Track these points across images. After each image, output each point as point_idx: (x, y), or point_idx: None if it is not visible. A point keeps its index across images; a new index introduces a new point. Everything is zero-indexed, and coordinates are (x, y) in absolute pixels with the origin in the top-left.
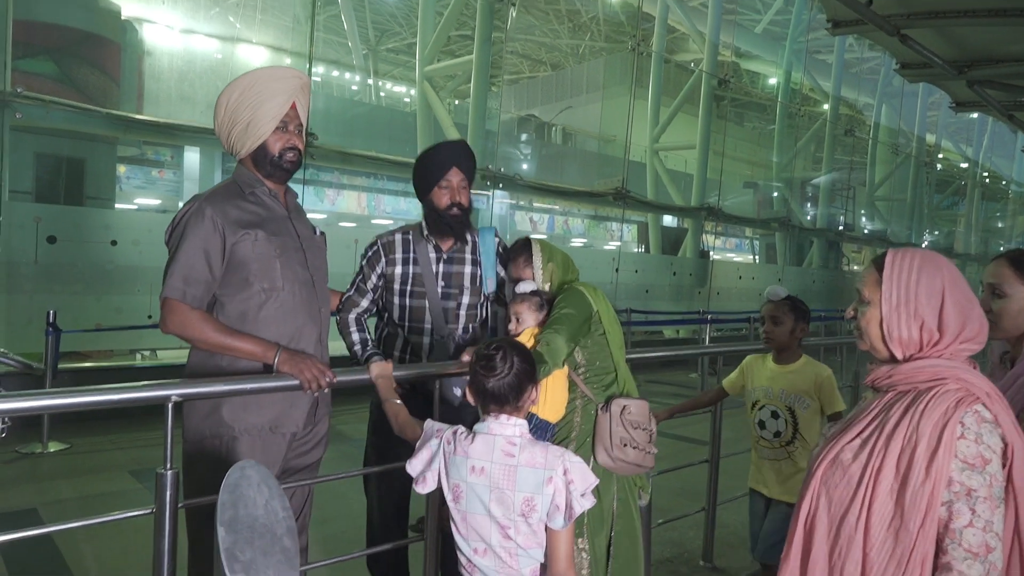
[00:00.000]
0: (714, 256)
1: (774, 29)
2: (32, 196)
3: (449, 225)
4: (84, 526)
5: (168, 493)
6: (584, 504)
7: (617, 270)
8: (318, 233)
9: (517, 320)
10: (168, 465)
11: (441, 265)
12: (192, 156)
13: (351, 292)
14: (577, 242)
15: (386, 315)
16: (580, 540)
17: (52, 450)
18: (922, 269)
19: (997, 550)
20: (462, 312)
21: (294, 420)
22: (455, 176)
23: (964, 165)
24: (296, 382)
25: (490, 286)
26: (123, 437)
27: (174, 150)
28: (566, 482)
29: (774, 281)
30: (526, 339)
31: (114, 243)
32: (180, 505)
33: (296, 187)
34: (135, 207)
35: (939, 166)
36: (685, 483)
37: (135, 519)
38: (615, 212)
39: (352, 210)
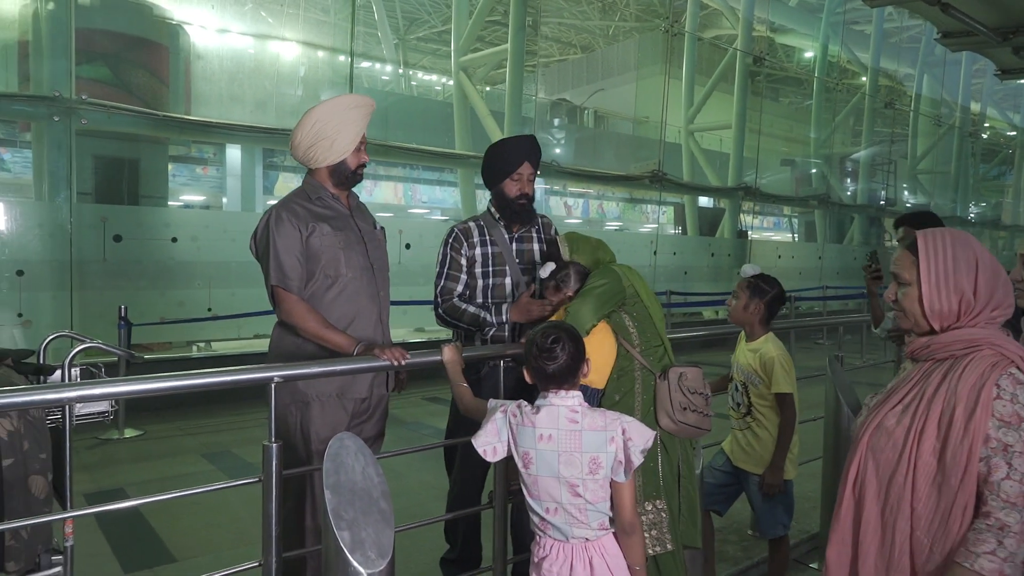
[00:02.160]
0: (752, 236)
1: (809, 1)
2: (92, 197)
3: (516, 212)
4: (198, 493)
5: (274, 463)
6: (641, 458)
7: (655, 253)
8: (378, 228)
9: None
10: (272, 439)
11: (515, 244)
12: (234, 153)
13: (443, 281)
14: (612, 226)
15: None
16: (658, 501)
17: (128, 436)
18: (955, 245)
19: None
20: (537, 286)
21: (357, 388)
22: (526, 170)
23: (1012, 133)
24: (375, 363)
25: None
26: (191, 424)
27: (217, 148)
28: (625, 439)
29: (815, 260)
30: (559, 313)
31: (175, 240)
32: (284, 473)
33: None
34: (181, 204)
35: (985, 135)
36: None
37: (217, 498)
38: (650, 195)
39: (389, 200)
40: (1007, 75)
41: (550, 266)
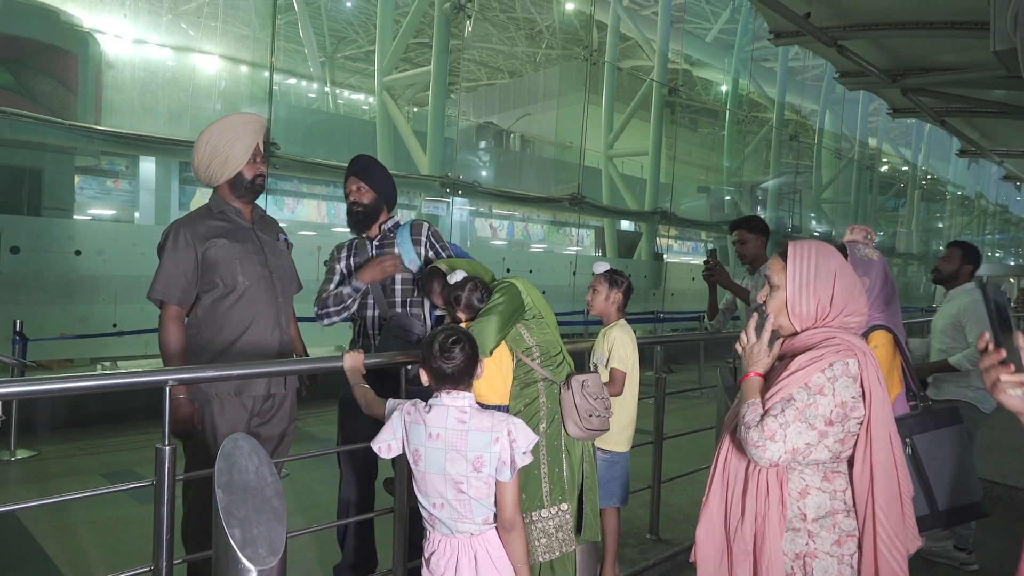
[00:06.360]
0: (668, 259)
1: (724, 38)
2: None
3: (352, 220)
4: (89, 496)
5: (167, 466)
6: (525, 460)
7: (575, 273)
8: (282, 239)
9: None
10: (166, 441)
11: (375, 251)
12: (148, 166)
13: (321, 286)
14: (537, 247)
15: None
16: (563, 505)
17: (20, 457)
18: (819, 255)
19: (777, 447)
20: (397, 287)
21: (255, 387)
22: (352, 183)
23: (904, 168)
24: (267, 368)
25: (412, 266)
26: (90, 443)
27: (129, 160)
28: (510, 441)
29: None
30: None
31: (78, 253)
32: (178, 478)
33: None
34: (89, 217)
35: (883, 168)
36: (633, 466)
37: (117, 517)
38: (572, 217)
39: (312, 218)
40: (898, 113)
41: (460, 273)
